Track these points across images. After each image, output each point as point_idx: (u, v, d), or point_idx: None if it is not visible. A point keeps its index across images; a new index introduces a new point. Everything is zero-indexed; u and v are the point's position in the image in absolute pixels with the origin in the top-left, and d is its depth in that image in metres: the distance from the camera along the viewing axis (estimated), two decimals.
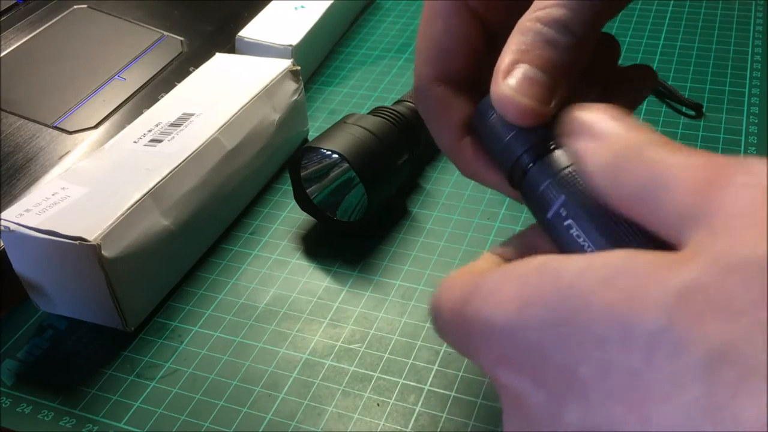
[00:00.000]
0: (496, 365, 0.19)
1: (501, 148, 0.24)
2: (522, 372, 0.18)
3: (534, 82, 0.23)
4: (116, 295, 0.36)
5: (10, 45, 0.51)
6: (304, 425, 0.33)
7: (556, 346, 0.17)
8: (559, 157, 0.22)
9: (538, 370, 0.17)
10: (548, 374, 0.17)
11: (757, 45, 0.56)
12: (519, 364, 0.18)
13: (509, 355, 0.18)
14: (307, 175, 0.43)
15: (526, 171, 0.23)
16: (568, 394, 0.16)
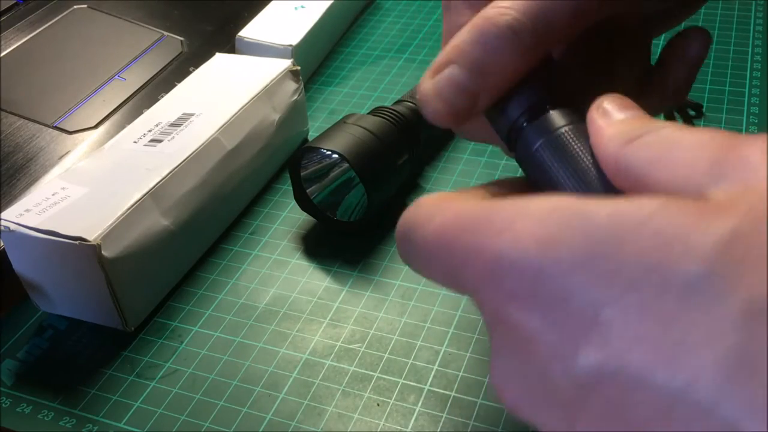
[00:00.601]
0: (500, 301, 0.18)
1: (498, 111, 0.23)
2: (533, 310, 0.17)
3: (458, 86, 0.22)
4: (116, 295, 0.36)
5: (10, 45, 0.51)
6: (304, 425, 0.33)
7: (581, 287, 0.16)
8: (554, 117, 0.22)
9: (555, 311, 0.16)
10: (566, 315, 0.16)
11: (757, 45, 0.56)
12: (531, 302, 0.17)
13: (520, 293, 0.17)
14: (307, 175, 0.43)
15: (521, 131, 0.22)
16: (585, 337, 0.16)
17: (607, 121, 0.20)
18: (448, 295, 0.39)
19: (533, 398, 0.18)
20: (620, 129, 0.19)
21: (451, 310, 0.38)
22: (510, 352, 0.18)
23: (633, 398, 0.15)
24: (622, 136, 0.19)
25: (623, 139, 0.19)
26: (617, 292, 0.15)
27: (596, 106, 0.21)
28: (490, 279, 0.18)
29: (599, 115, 0.21)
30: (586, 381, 0.16)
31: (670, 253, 0.15)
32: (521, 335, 0.17)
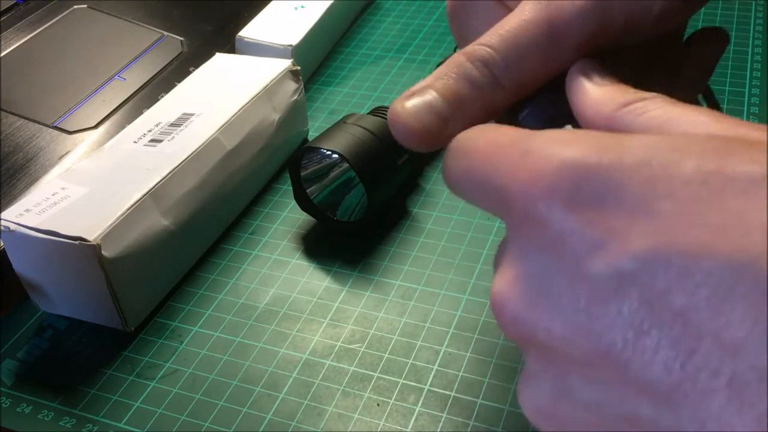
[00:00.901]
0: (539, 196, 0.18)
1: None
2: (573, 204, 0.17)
3: (432, 109, 0.23)
4: (116, 295, 0.36)
5: (10, 45, 0.51)
6: (304, 425, 0.33)
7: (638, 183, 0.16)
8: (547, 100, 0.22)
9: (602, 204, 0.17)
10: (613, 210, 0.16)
11: (757, 45, 0.56)
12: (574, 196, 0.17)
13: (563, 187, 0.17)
14: (307, 175, 0.43)
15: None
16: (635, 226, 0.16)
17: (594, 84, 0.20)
18: (448, 295, 0.39)
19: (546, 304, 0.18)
20: (611, 92, 0.20)
21: (451, 310, 0.38)
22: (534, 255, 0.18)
23: (683, 283, 0.15)
24: (614, 100, 0.19)
25: (616, 103, 0.19)
26: (677, 187, 0.16)
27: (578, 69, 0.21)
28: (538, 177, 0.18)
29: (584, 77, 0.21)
30: (630, 270, 0.16)
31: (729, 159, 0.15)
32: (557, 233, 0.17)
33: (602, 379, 0.17)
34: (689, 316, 0.15)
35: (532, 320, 0.18)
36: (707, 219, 0.15)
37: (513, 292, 0.18)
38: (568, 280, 0.17)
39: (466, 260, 0.41)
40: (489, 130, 0.21)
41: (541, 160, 0.18)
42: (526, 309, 0.18)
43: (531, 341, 0.18)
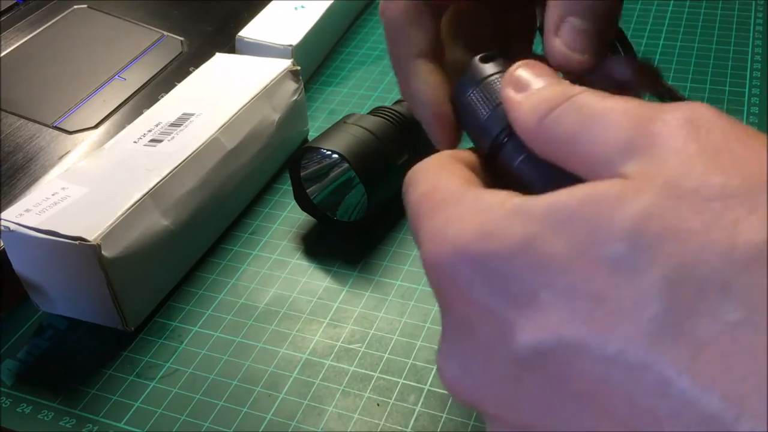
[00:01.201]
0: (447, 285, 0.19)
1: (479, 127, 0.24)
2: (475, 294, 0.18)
3: (584, 34, 0.23)
4: (116, 295, 0.36)
5: (10, 45, 0.51)
6: (304, 425, 0.33)
7: (518, 273, 0.17)
8: None
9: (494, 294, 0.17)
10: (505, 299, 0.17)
11: (757, 45, 0.56)
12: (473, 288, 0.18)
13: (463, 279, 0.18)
14: (307, 175, 0.43)
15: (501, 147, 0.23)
16: (524, 318, 0.17)
17: (522, 94, 0.21)
18: None
19: (471, 378, 0.19)
20: (536, 102, 0.20)
21: None
22: (454, 334, 0.19)
23: (571, 370, 0.16)
24: (538, 110, 0.20)
25: (540, 113, 0.20)
26: (551, 275, 0.16)
27: (508, 80, 0.22)
28: (440, 265, 0.19)
29: (513, 87, 0.21)
30: (526, 358, 0.17)
31: (596, 238, 0.16)
32: (465, 318, 0.18)
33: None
34: (585, 398, 0.16)
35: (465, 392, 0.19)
36: (579, 308, 0.16)
37: (445, 365, 0.20)
38: (482, 359, 0.18)
39: None
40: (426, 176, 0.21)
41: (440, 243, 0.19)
42: (458, 382, 0.19)
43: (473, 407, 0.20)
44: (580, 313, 0.16)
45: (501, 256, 0.17)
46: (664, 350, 0.14)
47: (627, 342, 0.15)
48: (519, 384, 0.17)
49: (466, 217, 0.19)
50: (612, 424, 0.15)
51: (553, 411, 0.17)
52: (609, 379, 0.15)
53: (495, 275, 0.17)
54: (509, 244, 0.17)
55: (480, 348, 0.18)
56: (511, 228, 0.17)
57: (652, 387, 0.14)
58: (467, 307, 0.18)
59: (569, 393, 0.16)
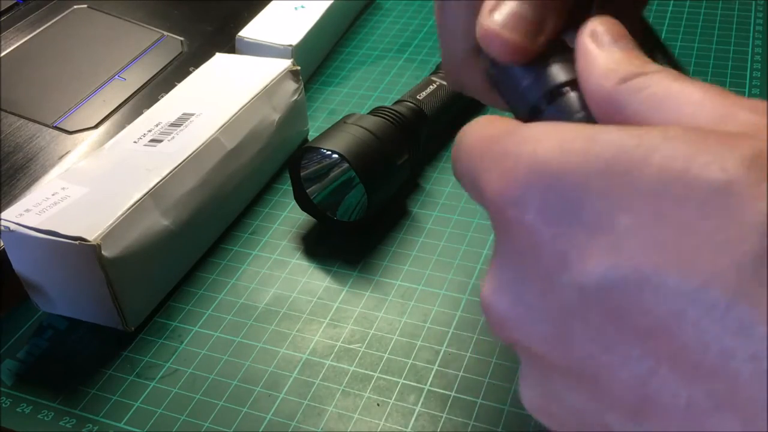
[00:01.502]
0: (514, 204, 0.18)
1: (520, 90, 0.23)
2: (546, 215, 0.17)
3: (521, 17, 0.22)
4: (116, 295, 0.36)
5: (10, 45, 0.51)
6: (304, 425, 0.33)
7: (598, 195, 0.16)
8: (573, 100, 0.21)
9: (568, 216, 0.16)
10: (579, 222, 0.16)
11: (757, 45, 0.56)
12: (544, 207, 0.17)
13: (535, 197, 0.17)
14: (307, 175, 0.43)
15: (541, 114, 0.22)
16: (597, 243, 0.16)
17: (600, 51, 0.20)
18: (448, 295, 0.39)
19: (523, 310, 0.18)
20: (614, 64, 0.19)
21: (451, 310, 0.38)
22: (512, 263, 0.18)
23: (641, 304, 0.15)
24: (617, 73, 0.19)
25: (619, 77, 0.19)
26: (636, 200, 0.15)
27: (588, 32, 0.20)
28: (508, 182, 0.18)
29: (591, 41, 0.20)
30: (592, 287, 0.16)
31: (694, 164, 0.15)
32: (529, 241, 0.17)
33: (580, 389, 0.17)
34: (648, 336, 0.15)
35: (513, 326, 0.18)
36: (663, 237, 0.15)
37: (495, 297, 0.19)
38: (540, 290, 0.17)
39: (466, 260, 0.41)
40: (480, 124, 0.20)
41: (513, 164, 0.18)
42: (507, 315, 0.18)
43: (517, 345, 0.19)
44: (663, 242, 0.15)
45: (581, 174, 0.16)
46: (752, 289, 0.14)
47: (712, 277, 0.14)
48: (578, 317, 0.16)
49: (544, 136, 0.17)
50: (675, 365, 0.14)
51: (609, 349, 0.16)
52: (684, 315, 0.14)
53: (572, 196, 0.16)
54: (593, 162, 0.16)
55: (540, 277, 0.17)
56: (595, 146, 0.16)
57: (734, 327, 0.14)
58: (534, 231, 0.17)
59: (633, 330, 0.15)
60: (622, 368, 0.15)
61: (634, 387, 0.15)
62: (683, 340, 0.14)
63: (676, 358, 0.14)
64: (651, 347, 0.15)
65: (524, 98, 0.23)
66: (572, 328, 0.16)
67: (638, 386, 0.15)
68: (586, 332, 0.16)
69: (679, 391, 0.14)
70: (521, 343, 0.18)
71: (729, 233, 0.14)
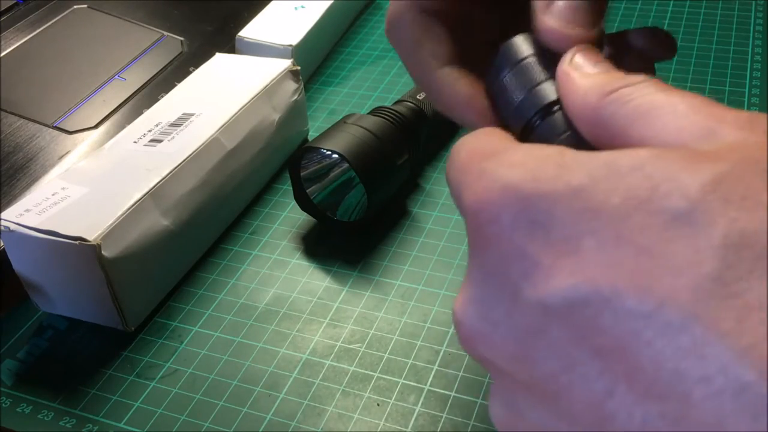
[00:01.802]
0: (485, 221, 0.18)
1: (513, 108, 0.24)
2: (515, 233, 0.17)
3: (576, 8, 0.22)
4: (116, 295, 0.36)
5: (10, 45, 0.51)
6: (304, 425, 0.33)
7: (565, 217, 0.16)
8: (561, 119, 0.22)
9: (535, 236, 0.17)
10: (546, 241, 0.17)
11: (757, 45, 0.56)
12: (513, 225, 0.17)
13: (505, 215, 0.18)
14: (307, 175, 0.43)
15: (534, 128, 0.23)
16: (561, 262, 0.16)
17: (581, 73, 0.20)
18: (448, 295, 0.39)
19: (490, 327, 0.18)
20: (597, 81, 0.20)
21: (451, 310, 0.38)
22: (481, 279, 0.19)
23: (600, 323, 0.15)
24: (600, 89, 0.19)
25: (602, 92, 0.19)
26: (601, 224, 0.16)
27: (568, 60, 0.21)
28: (483, 200, 0.18)
29: (572, 68, 0.21)
30: (554, 306, 0.16)
31: (657, 191, 0.15)
32: (497, 258, 0.18)
33: (542, 405, 0.17)
34: (606, 355, 0.15)
35: (480, 342, 0.18)
36: (624, 260, 0.15)
37: (464, 312, 0.19)
38: (506, 308, 0.18)
39: (466, 260, 0.41)
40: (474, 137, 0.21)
41: (489, 183, 0.18)
42: (475, 331, 0.19)
43: (484, 360, 0.19)
44: (623, 263, 0.15)
45: (550, 199, 0.17)
46: (707, 311, 0.14)
47: (668, 298, 0.14)
48: (541, 335, 0.16)
49: (519, 161, 0.18)
50: (631, 386, 0.15)
51: (571, 367, 0.16)
52: (640, 336, 0.15)
53: (540, 218, 0.17)
54: (562, 188, 0.17)
55: (507, 293, 0.17)
56: (566, 174, 0.17)
57: (687, 348, 0.14)
58: (503, 249, 0.18)
59: (593, 348, 0.15)
60: (582, 387, 0.16)
61: (592, 406, 0.16)
62: (639, 361, 0.15)
63: (632, 378, 0.15)
64: (609, 367, 0.15)
65: (518, 114, 0.24)
66: (535, 346, 0.17)
67: (596, 405, 0.16)
68: (548, 351, 0.16)
69: (634, 410, 0.15)
70: (487, 359, 0.19)
71: (687, 257, 0.14)
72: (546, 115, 0.23)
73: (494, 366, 0.18)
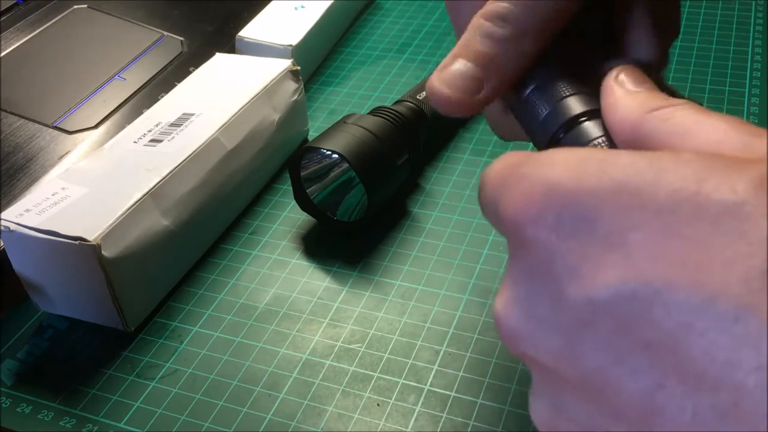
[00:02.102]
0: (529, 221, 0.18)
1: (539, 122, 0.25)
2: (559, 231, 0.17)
3: (463, 75, 0.24)
4: (116, 295, 0.36)
5: (10, 45, 0.51)
6: (304, 425, 0.33)
7: (611, 212, 0.16)
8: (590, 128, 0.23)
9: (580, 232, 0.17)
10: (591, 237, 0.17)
11: (757, 45, 0.56)
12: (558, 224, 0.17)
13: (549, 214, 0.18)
14: (307, 175, 0.43)
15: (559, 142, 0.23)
16: (608, 257, 0.16)
17: (625, 90, 0.21)
18: (448, 295, 0.39)
19: (534, 324, 0.18)
20: (640, 98, 0.20)
21: (451, 310, 0.38)
22: (525, 277, 0.19)
23: (650, 316, 0.15)
24: (643, 105, 0.20)
25: (645, 108, 0.20)
26: (648, 218, 0.16)
27: (613, 77, 0.22)
28: (525, 202, 0.18)
29: (617, 84, 0.22)
30: (602, 300, 0.16)
31: (705, 185, 0.15)
32: (543, 257, 0.18)
33: (588, 402, 0.17)
34: (656, 349, 0.15)
35: (524, 341, 0.19)
36: (673, 252, 0.15)
37: (507, 312, 0.19)
38: (551, 305, 0.18)
39: (466, 260, 0.41)
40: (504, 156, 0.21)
41: (530, 185, 0.19)
42: (518, 330, 0.19)
43: (527, 358, 0.19)
44: (672, 257, 0.15)
45: (595, 195, 0.17)
46: (760, 302, 0.14)
47: (721, 290, 0.14)
48: (588, 330, 0.16)
49: (561, 160, 0.18)
50: (682, 378, 0.15)
51: (618, 361, 0.16)
52: (692, 328, 0.15)
53: (586, 214, 0.17)
54: (607, 184, 0.17)
55: (552, 291, 0.17)
56: (610, 169, 0.17)
57: (740, 339, 0.14)
58: (549, 247, 0.18)
59: (641, 342, 0.15)
60: (630, 380, 0.16)
61: (641, 399, 0.16)
62: (690, 352, 0.15)
63: (682, 370, 0.15)
64: (659, 359, 0.15)
65: (544, 128, 0.24)
66: (582, 340, 0.17)
67: (645, 398, 0.16)
68: (595, 345, 0.16)
69: (684, 403, 0.15)
70: (532, 357, 0.19)
71: (738, 249, 0.14)
72: (572, 127, 0.23)
73: (538, 363, 0.18)
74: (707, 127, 0.18)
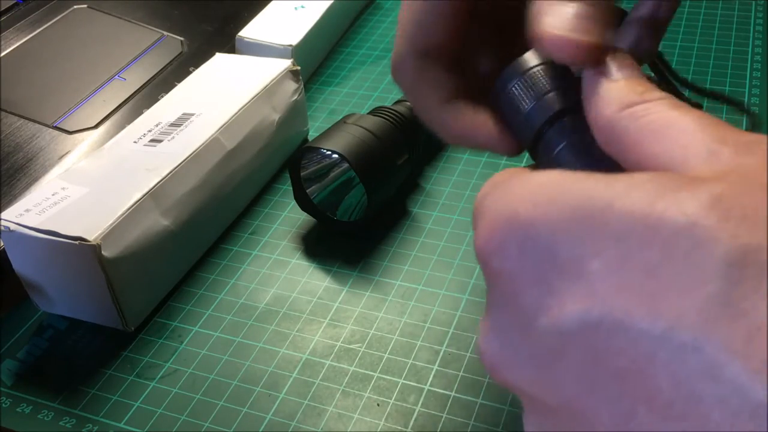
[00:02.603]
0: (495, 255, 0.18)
1: (522, 117, 0.24)
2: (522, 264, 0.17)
3: (580, 16, 0.22)
4: (116, 295, 0.36)
5: (10, 45, 0.51)
6: (304, 425, 0.33)
7: (568, 242, 0.16)
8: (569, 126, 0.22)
9: (542, 264, 0.17)
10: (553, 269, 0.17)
11: (757, 45, 0.56)
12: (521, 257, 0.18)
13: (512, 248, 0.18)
14: (307, 175, 0.43)
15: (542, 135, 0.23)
16: (570, 288, 0.16)
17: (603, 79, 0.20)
18: (448, 295, 0.39)
19: (511, 354, 0.18)
20: (618, 92, 0.20)
21: (451, 310, 0.38)
22: (498, 309, 0.19)
23: (615, 345, 0.15)
24: (619, 101, 0.19)
25: (620, 104, 0.19)
26: (603, 245, 0.16)
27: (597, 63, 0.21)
28: (489, 234, 0.19)
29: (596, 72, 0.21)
30: (569, 331, 0.16)
31: (656, 208, 0.15)
32: (510, 289, 0.18)
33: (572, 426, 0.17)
34: (625, 377, 0.15)
35: (504, 370, 0.19)
36: (631, 279, 0.15)
37: (487, 341, 0.19)
38: (524, 335, 0.18)
39: (466, 260, 0.41)
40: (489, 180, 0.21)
41: (493, 217, 0.19)
42: (497, 359, 0.19)
43: (510, 387, 0.19)
44: (631, 285, 0.15)
45: (551, 224, 0.17)
46: (717, 331, 0.14)
47: (678, 319, 0.14)
48: (560, 360, 0.17)
49: (518, 190, 0.18)
50: (651, 407, 0.15)
51: (591, 390, 0.16)
52: (655, 358, 0.15)
53: (545, 244, 0.17)
54: (563, 211, 0.17)
55: (523, 322, 0.18)
56: (563, 196, 0.17)
57: (701, 370, 0.14)
58: (514, 278, 0.18)
59: (611, 371, 0.15)
60: (604, 409, 0.16)
61: (616, 426, 0.16)
62: (656, 382, 0.15)
63: (650, 399, 0.15)
64: (628, 388, 0.15)
65: (528, 122, 0.24)
66: (556, 369, 0.17)
67: (620, 426, 0.16)
68: (569, 374, 0.17)
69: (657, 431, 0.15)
70: (513, 385, 0.19)
71: (692, 275, 0.14)
72: (553, 123, 0.23)
73: (522, 391, 0.19)
74: (675, 130, 0.18)
